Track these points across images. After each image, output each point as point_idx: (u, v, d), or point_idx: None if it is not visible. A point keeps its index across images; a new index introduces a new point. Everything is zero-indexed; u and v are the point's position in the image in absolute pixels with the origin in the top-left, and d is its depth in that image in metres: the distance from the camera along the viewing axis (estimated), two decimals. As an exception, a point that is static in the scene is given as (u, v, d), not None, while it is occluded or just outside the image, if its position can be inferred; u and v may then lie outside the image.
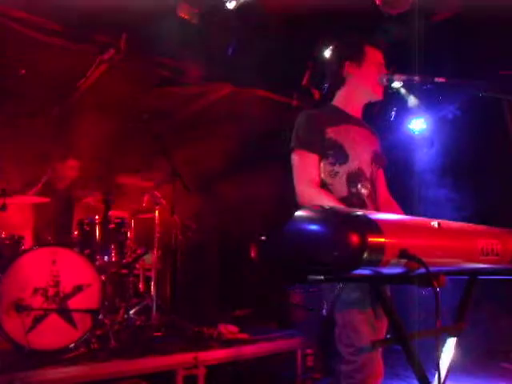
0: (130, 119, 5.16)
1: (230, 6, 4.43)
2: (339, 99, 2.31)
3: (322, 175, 2.14)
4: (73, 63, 4.75)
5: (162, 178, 4.74)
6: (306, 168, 2.13)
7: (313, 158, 2.13)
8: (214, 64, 5.15)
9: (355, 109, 2.31)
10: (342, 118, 2.24)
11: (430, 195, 5.60)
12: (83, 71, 4.95)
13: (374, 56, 2.26)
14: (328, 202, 2.02)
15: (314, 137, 2.14)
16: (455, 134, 5.85)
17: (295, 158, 2.17)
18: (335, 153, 2.14)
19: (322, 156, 2.14)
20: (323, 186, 2.13)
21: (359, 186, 2.16)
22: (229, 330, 3.99)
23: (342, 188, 2.12)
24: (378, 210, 2.25)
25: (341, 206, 1.94)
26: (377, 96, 2.28)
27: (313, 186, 2.09)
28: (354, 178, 2.15)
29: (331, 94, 2.33)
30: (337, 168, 2.13)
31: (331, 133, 2.15)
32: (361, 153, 2.20)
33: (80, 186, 4.52)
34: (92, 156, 4.65)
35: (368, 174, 2.21)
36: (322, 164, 2.15)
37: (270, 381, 4.04)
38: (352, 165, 2.16)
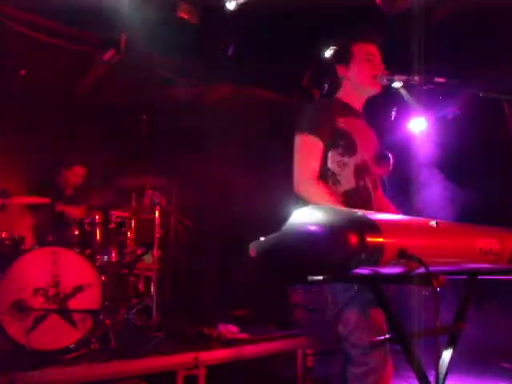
0: (129, 120, 5.16)
1: (230, 6, 4.44)
2: (342, 95, 2.30)
3: (330, 165, 2.10)
4: (74, 64, 4.77)
5: (162, 178, 4.75)
6: (308, 155, 2.07)
7: (318, 144, 2.07)
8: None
9: (357, 105, 2.30)
10: (348, 111, 2.23)
11: (430, 194, 5.61)
12: (84, 72, 4.96)
13: (362, 50, 2.23)
14: (323, 196, 2.00)
15: (323, 124, 2.10)
16: (455, 133, 5.85)
17: (300, 141, 2.10)
18: (345, 143, 2.10)
19: (332, 145, 2.09)
20: (331, 175, 2.09)
21: (366, 178, 2.15)
22: (229, 330, 3.99)
23: (349, 179, 2.09)
24: (380, 203, 2.26)
25: (340, 206, 1.94)
26: (373, 89, 2.24)
27: (312, 177, 2.04)
28: (360, 171, 2.13)
29: (331, 95, 2.33)
30: (346, 159, 2.10)
31: (342, 123, 2.12)
32: (366, 147, 2.19)
33: (84, 190, 4.53)
34: (96, 159, 4.65)
35: (372, 169, 2.21)
36: (330, 153, 2.10)
37: (270, 381, 4.04)
38: (359, 157, 2.13)
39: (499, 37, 4.44)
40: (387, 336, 1.60)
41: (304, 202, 1.99)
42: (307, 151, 2.09)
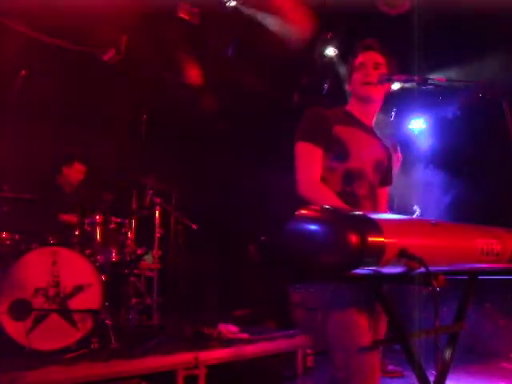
0: (128, 119, 5.17)
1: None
2: (349, 107, 2.30)
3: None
4: (74, 64, 4.77)
5: (161, 178, 4.75)
6: (309, 160, 2.11)
7: (317, 151, 2.10)
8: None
9: (365, 118, 2.29)
10: (351, 121, 2.23)
11: (430, 194, 5.61)
12: (83, 72, 4.96)
13: (355, 62, 2.25)
14: (327, 197, 2.01)
15: (320, 131, 2.13)
16: (455, 133, 5.86)
17: (299, 149, 2.14)
18: (337, 149, 2.12)
19: (325, 150, 2.11)
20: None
21: (355, 185, 2.15)
22: (229, 329, 3.99)
23: (335, 184, 2.10)
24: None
25: (341, 206, 1.93)
26: (365, 95, 2.22)
27: (314, 180, 2.07)
28: (351, 177, 2.13)
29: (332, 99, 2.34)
30: (334, 164, 2.11)
31: (338, 130, 2.14)
32: (365, 156, 2.18)
33: (84, 188, 4.54)
34: (96, 157, 4.65)
35: (370, 178, 2.19)
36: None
37: (270, 381, 4.04)
38: (352, 164, 2.13)
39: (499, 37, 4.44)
40: (387, 336, 1.59)
41: (308, 204, 2.00)
42: (307, 157, 2.12)
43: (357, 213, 1.26)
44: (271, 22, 5.30)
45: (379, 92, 2.23)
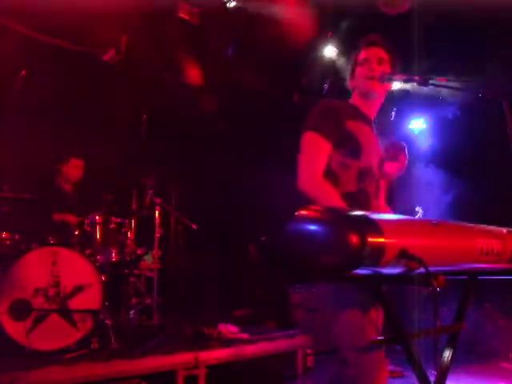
0: (128, 119, 5.17)
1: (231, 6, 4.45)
2: (353, 102, 2.30)
3: (332, 165, 2.08)
4: (74, 64, 4.78)
5: (161, 178, 4.75)
6: (314, 152, 2.06)
7: (324, 143, 2.06)
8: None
9: (368, 112, 2.28)
10: (358, 115, 2.22)
11: (430, 195, 5.61)
12: (83, 72, 4.97)
13: (360, 57, 2.24)
14: (327, 195, 2.00)
15: (331, 124, 2.09)
16: (455, 133, 5.86)
17: (306, 139, 2.09)
18: (350, 146, 2.09)
19: (337, 146, 2.08)
20: (331, 175, 2.07)
21: (367, 183, 2.14)
22: (229, 329, 3.99)
23: (350, 182, 2.08)
24: (380, 209, 2.25)
25: (341, 206, 1.93)
26: (370, 90, 2.21)
27: (316, 176, 2.03)
28: (363, 175, 2.12)
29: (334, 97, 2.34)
30: (348, 161, 2.08)
31: (350, 125, 2.11)
32: (372, 153, 2.18)
33: (84, 186, 4.53)
34: (96, 157, 4.65)
35: (376, 175, 2.20)
36: (334, 153, 2.08)
37: (270, 381, 4.04)
38: (363, 162, 2.12)
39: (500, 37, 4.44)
40: (387, 336, 1.59)
41: (307, 199, 1.99)
42: (313, 150, 2.07)
43: (357, 213, 1.26)
44: (276, 13, 5.24)
45: (382, 87, 2.23)
